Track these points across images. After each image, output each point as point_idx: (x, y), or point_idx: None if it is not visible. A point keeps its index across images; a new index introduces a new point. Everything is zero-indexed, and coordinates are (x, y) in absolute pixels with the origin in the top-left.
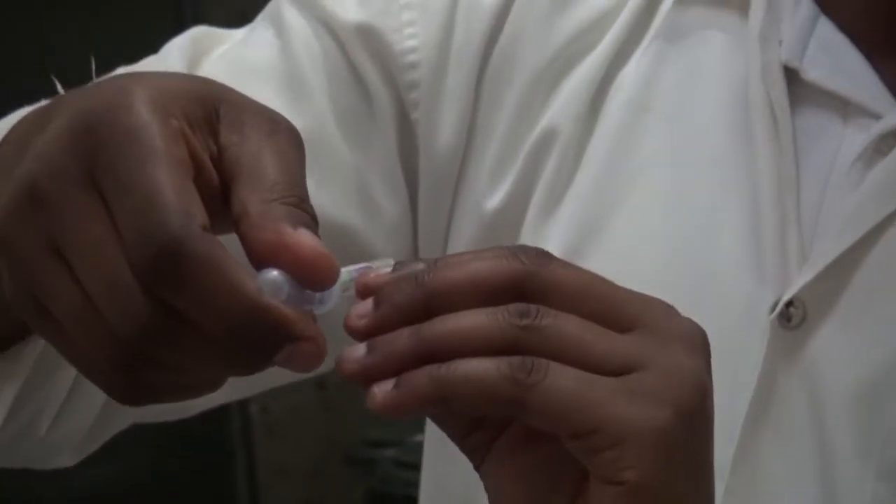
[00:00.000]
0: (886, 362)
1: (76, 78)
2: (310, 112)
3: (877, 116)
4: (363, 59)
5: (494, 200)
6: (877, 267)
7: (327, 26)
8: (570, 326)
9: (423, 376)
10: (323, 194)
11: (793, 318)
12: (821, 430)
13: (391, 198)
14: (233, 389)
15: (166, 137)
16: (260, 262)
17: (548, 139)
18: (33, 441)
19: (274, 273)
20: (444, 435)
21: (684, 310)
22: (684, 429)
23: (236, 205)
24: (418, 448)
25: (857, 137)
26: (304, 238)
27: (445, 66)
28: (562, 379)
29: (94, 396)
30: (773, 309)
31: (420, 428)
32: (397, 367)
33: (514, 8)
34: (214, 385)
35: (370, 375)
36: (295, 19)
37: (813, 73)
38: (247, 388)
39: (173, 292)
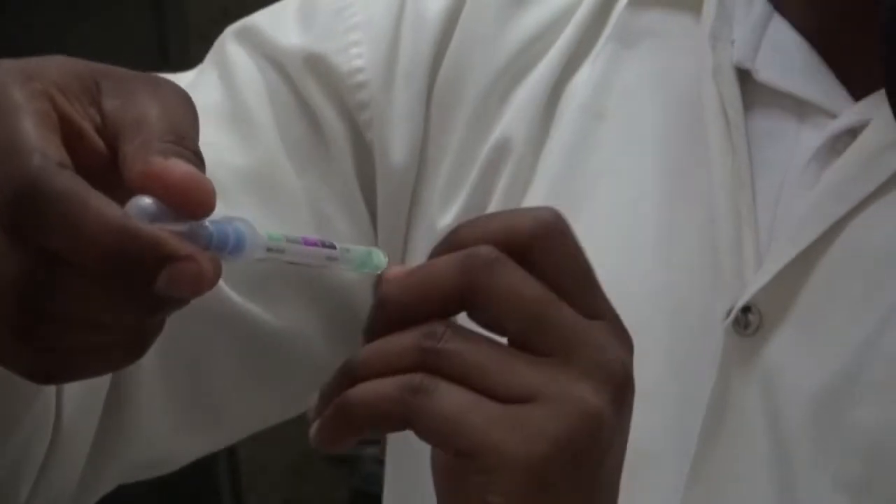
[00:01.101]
0: (844, 368)
1: None
2: (259, 148)
3: (832, 115)
4: (310, 86)
5: (448, 217)
6: (833, 269)
7: (271, 59)
8: (471, 350)
9: (331, 406)
10: (281, 228)
11: (750, 324)
12: (778, 439)
13: (351, 223)
14: (213, 438)
15: (26, 94)
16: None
17: (501, 151)
18: None
19: (142, 198)
20: (405, 450)
21: (641, 320)
22: (564, 463)
23: (119, 159)
24: None
25: (812, 137)
26: (173, 164)
27: (393, 83)
28: (447, 401)
29: (74, 459)
30: (727, 315)
31: None
32: (329, 403)
33: (462, 20)
34: (132, 348)
35: (317, 417)
36: (238, 56)
37: (765, 73)
38: (226, 436)
39: (37, 231)
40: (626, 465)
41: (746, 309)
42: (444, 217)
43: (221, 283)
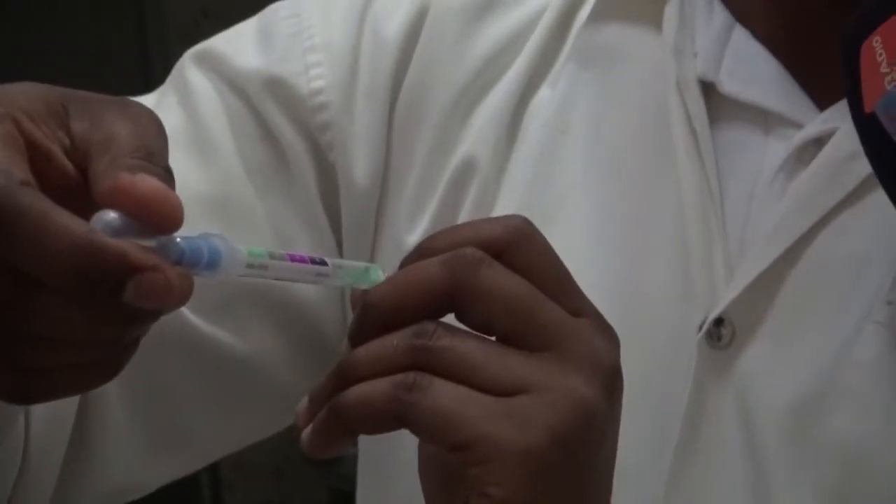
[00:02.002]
0: (818, 377)
1: (32, 71)
2: (219, 172)
3: (798, 125)
4: (271, 109)
5: (415, 235)
6: (803, 279)
7: (231, 83)
8: (463, 346)
9: (325, 410)
10: None
11: (723, 336)
12: (754, 451)
13: (315, 245)
14: (185, 461)
15: None
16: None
17: (466, 170)
18: None
19: (107, 212)
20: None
21: (616, 330)
22: (559, 453)
23: (89, 177)
24: None
25: (778, 148)
26: (140, 179)
27: (354, 104)
28: (441, 396)
29: (43, 487)
30: (700, 328)
31: None
32: (321, 407)
33: (421, 40)
34: (108, 365)
35: (308, 422)
36: (197, 80)
37: (729, 85)
38: (204, 455)
39: (2, 249)
40: None
41: (719, 321)
42: (412, 235)
43: (183, 308)
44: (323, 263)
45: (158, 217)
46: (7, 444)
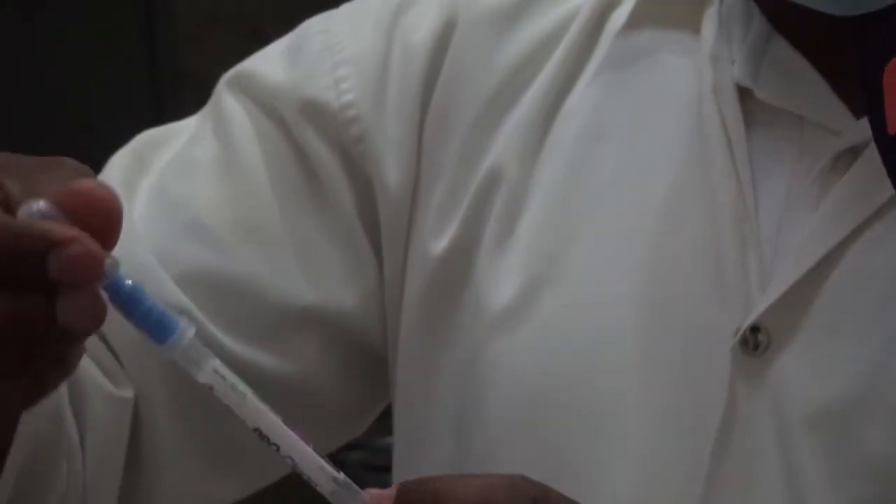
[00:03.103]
0: (853, 388)
1: (42, 74)
2: (250, 198)
3: (834, 133)
4: (303, 129)
5: (441, 243)
6: (838, 288)
7: (263, 105)
8: None
9: None
10: (284, 280)
11: (759, 344)
12: (789, 459)
13: (351, 265)
14: (240, 483)
15: None
16: None
17: (493, 178)
18: None
19: (35, 201)
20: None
21: (647, 342)
22: None
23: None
24: (387, 450)
25: (814, 156)
26: (76, 182)
27: (384, 114)
28: None
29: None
30: (735, 335)
31: (388, 431)
32: None
33: (451, 48)
34: (61, 365)
35: None
36: (231, 106)
37: (766, 92)
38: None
39: None
40: (640, 487)
41: (754, 329)
42: (437, 244)
43: (223, 337)
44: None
45: (94, 206)
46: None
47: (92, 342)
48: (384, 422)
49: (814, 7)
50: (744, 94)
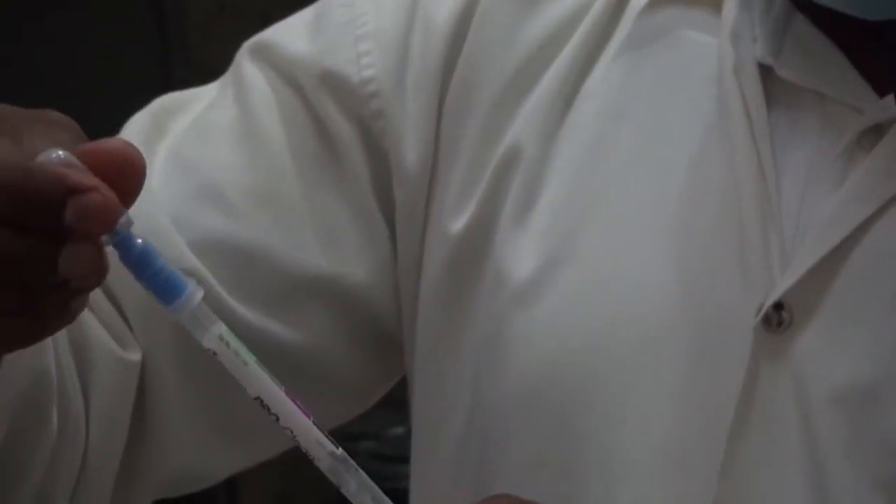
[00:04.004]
0: (876, 365)
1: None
2: (268, 165)
3: (856, 111)
4: (324, 100)
5: (460, 222)
6: (861, 267)
7: (284, 74)
8: None
9: None
10: (298, 250)
11: (782, 321)
12: (810, 437)
13: (365, 238)
14: (246, 453)
15: None
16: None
17: (512, 156)
18: None
19: (55, 150)
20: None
21: (666, 319)
22: None
23: None
24: (397, 441)
25: (836, 134)
26: (106, 142)
27: (404, 91)
28: None
29: (104, 478)
30: (758, 312)
31: (399, 421)
32: None
33: (473, 26)
34: (62, 312)
35: None
36: (251, 73)
37: (788, 70)
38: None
39: None
40: (657, 464)
41: (777, 306)
42: (456, 223)
43: (235, 304)
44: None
45: (117, 165)
46: (62, 436)
47: (102, 304)
48: (395, 412)
49: (834, 7)
50: (765, 72)
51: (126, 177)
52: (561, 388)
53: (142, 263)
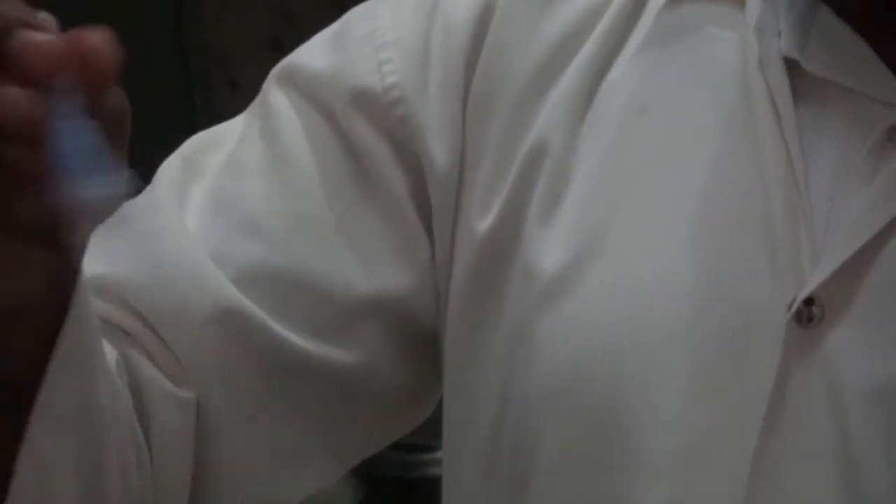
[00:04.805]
0: None
1: None
2: (301, 194)
3: (885, 105)
4: (350, 117)
5: (487, 221)
6: (893, 262)
7: (310, 97)
8: None
9: None
10: (341, 271)
11: (813, 317)
12: (843, 432)
13: (405, 251)
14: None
15: None
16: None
17: (538, 152)
18: None
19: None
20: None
21: (695, 314)
22: None
23: None
24: (418, 430)
25: (864, 128)
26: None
27: (427, 93)
28: None
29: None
30: (788, 308)
31: None
32: None
33: (493, 24)
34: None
35: None
36: (278, 102)
37: (814, 64)
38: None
39: None
40: (687, 459)
41: (808, 301)
42: (483, 221)
43: (288, 334)
44: None
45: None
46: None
47: (152, 343)
48: None
49: None
50: (791, 66)
51: (90, 61)
52: (590, 385)
53: (66, 134)
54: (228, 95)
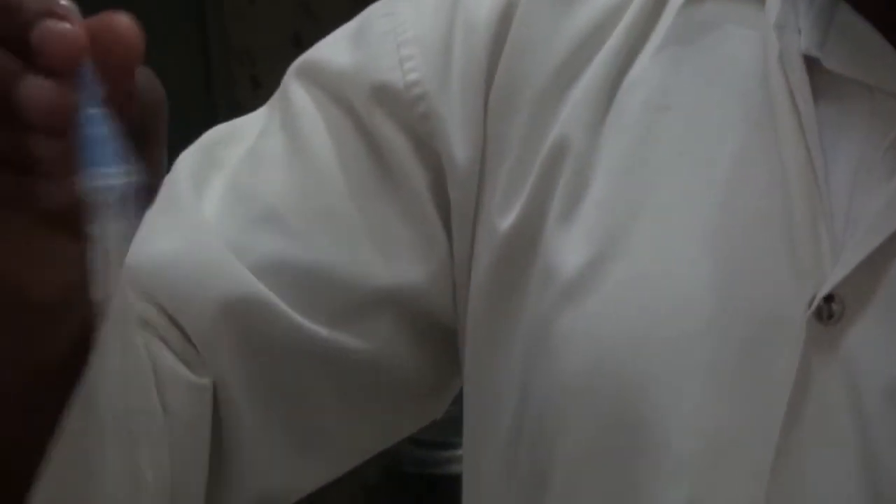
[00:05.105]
0: None
1: None
2: (323, 189)
3: None
4: (372, 112)
5: (509, 219)
6: None
7: (331, 93)
8: None
9: None
10: (360, 265)
11: (833, 314)
12: (863, 429)
13: (422, 248)
14: (326, 469)
15: None
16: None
17: (559, 150)
18: None
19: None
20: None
21: (716, 310)
22: None
23: None
24: (434, 427)
25: (885, 126)
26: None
27: (449, 90)
28: None
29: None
30: (809, 304)
31: None
32: None
33: (515, 22)
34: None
35: None
36: (298, 97)
37: (834, 61)
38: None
39: None
40: (708, 456)
41: (829, 298)
42: (505, 220)
43: (302, 320)
44: None
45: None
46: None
47: (167, 329)
48: None
49: None
50: (811, 63)
51: (115, 49)
52: (611, 383)
53: (94, 142)
54: (250, 91)
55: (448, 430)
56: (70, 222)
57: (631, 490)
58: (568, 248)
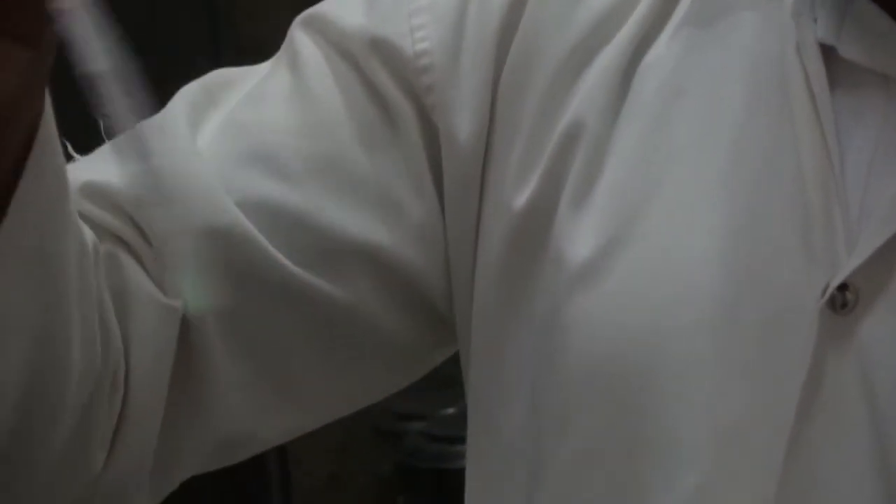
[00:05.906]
0: None
1: None
2: (327, 133)
3: None
4: (377, 70)
5: (522, 198)
6: None
7: (337, 47)
8: None
9: None
10: (350, 216)
11: (847, 303)
12: (877, 418)
13: (421, 206)
14: (297, 418)
15: None
16: None
17: (573, 132)
18: (88, 483)
19: None
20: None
21: (730, 299)
22: None
23: None
24: (447, 421)
25: None
26: None
27: (458, 66)
28: None
29: (146, 429)
30: (823, 293)
31: (450, 402)
32: None
33: (530, 4)
34: None
35: None
36: (305, 45)
37: (850, 50)
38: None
39: None
40: (721, 446)
41: (843, 287)
42: (519, 198)
43: (278, 255)
44: None
45: None
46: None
47: (141, 247)
48: (445, 393)
49: None
50: (827, 52)
51: None
52: (623, 369)
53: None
54: None
55: (461, 424)
56: (29, 34)
57: (639, 477)
58: (580, 234)
